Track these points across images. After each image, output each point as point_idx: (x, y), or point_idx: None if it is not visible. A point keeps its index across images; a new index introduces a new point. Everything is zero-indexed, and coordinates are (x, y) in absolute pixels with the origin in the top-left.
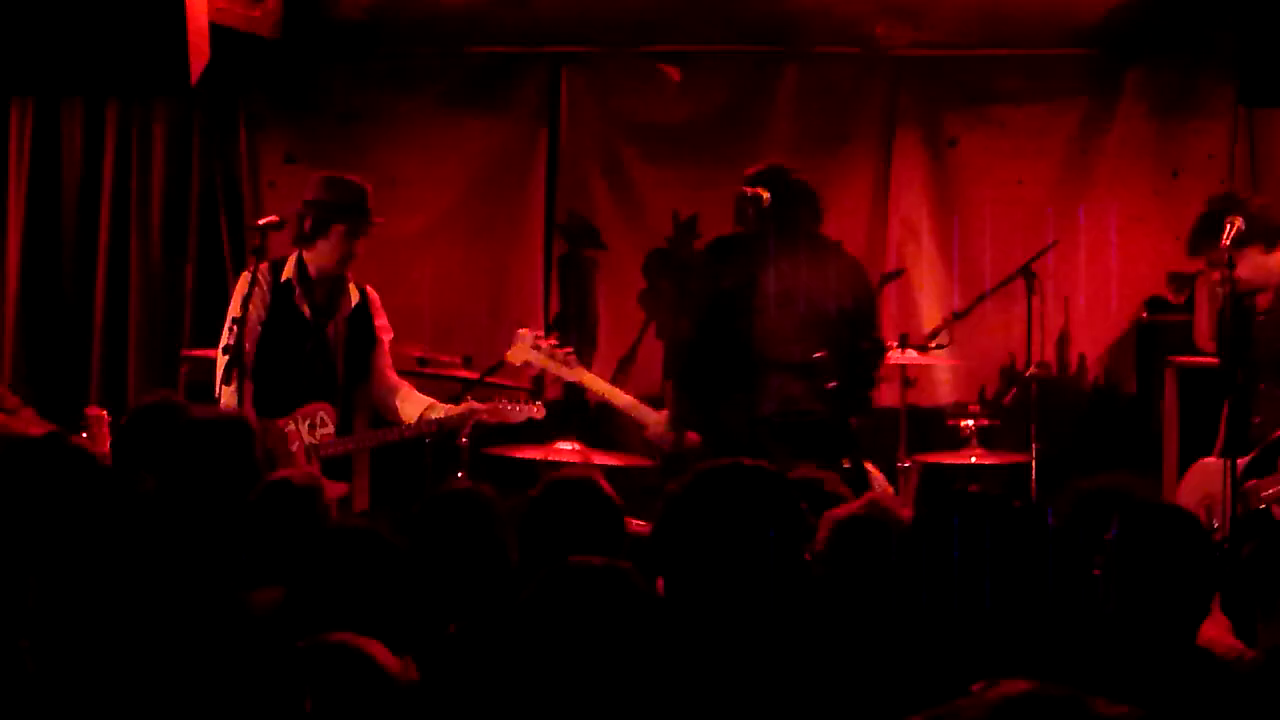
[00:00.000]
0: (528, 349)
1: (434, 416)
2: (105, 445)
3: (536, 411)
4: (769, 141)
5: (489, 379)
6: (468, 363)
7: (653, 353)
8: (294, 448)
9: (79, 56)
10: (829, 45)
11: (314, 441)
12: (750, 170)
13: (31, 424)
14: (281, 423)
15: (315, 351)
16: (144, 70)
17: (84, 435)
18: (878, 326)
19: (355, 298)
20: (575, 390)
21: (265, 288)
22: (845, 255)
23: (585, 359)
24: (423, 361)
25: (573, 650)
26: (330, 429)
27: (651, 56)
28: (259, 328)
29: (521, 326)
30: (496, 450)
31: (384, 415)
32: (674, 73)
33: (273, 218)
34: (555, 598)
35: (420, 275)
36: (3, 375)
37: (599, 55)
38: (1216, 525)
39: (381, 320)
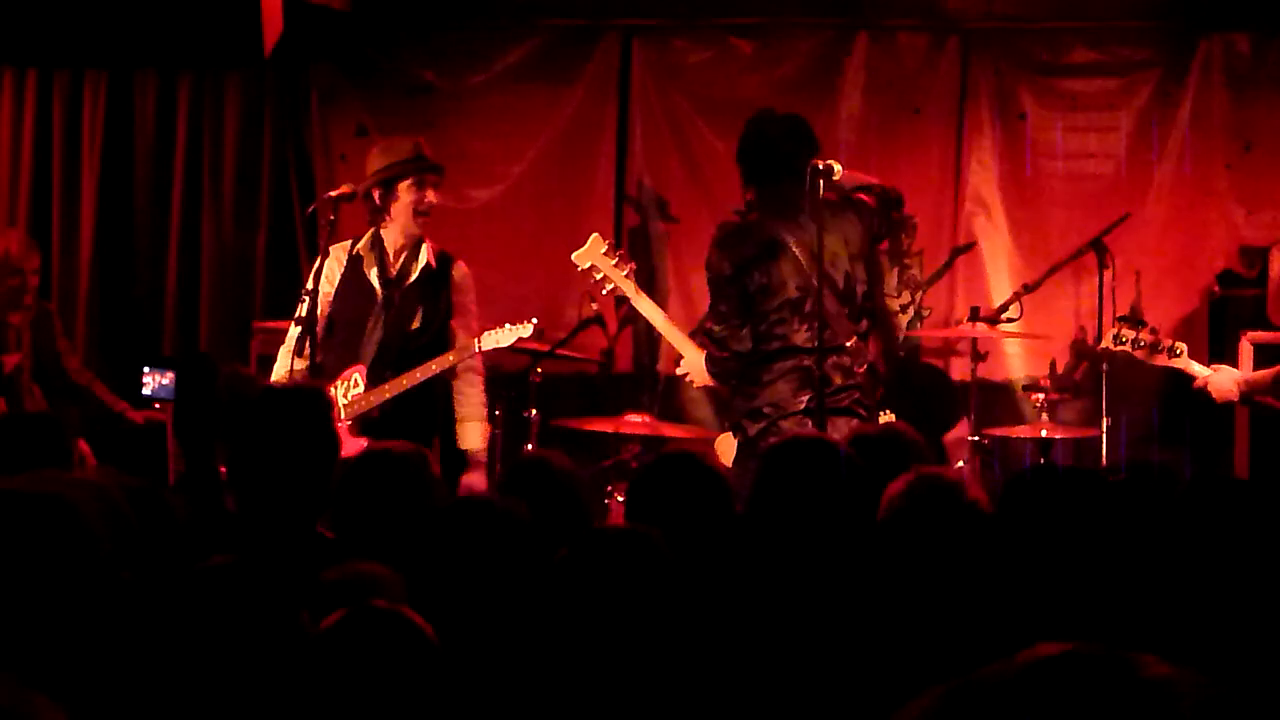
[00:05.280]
0: (597, 254)
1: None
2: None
3: (525, 330)
4: (840, 114)
5: (559, 351)
6: (538, 335)
7: None
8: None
9: (153, 29)
10: (900, 18)
11: (344, 403)
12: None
13: (104, 396)
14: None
15: (377, 320)
16: (218, 42)
17: (156, 405)
18: None
19: (428, 263)
20: (644, 364)
21: (339, 260)
22: None
23: (654, 333)
24: None
25: (598, 614)
26: (360, 388)
27: (723, 29)
28: (330, 300)
29: (592, 298)
30: (567, 423)
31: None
32: (745, 45)
33: (344, 189)
34: (582, 563)
35: (491, 247)
36: (76, 345)
37: (670, 27)
38: None
39: (461, 298)
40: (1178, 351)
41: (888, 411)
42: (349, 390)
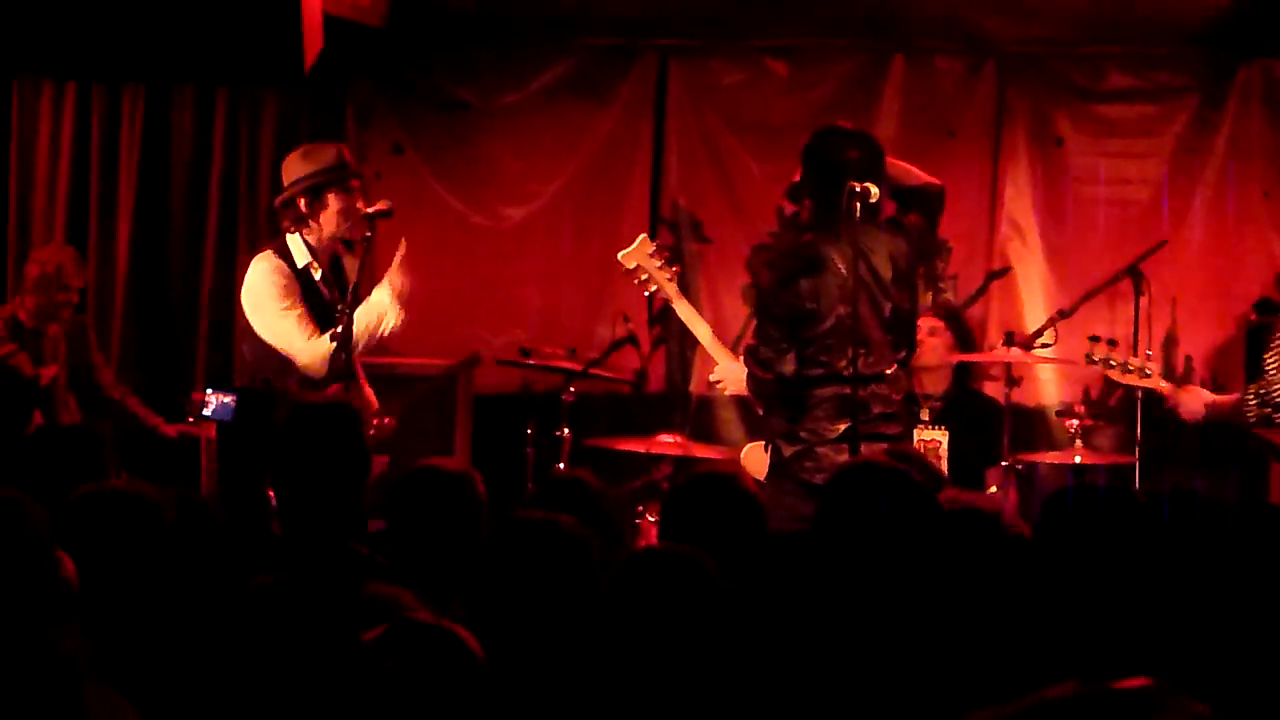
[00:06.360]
0: (644, 255)
1: None
2: (211, 430)
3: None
4: (876, 136)
5: (591, 370)
6: (571, 354)
7: None
8: None
9: (194, 44)
10: (937, 41)
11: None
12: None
13: (138, 410)
14: None
15: (340, 332)
16: (258, 58)
17: (190, 420)
18: None
19: (355, 266)
20: (677, 384)
21: (290, 274)
22: None
23: (688, 353)
24: (525, 352)
25: (647, 635)
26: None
27: (759, 50)
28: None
29: (625, 317)
30: (599, 442)
31: None
32: (781, 67)
33: (382, 205)
34: (632, 584)
35: (524, 266)
36: (111, 359)
37: (706, 48)
38: None
39: None
40: (1148, 372)
41: (942, 428)
42: None
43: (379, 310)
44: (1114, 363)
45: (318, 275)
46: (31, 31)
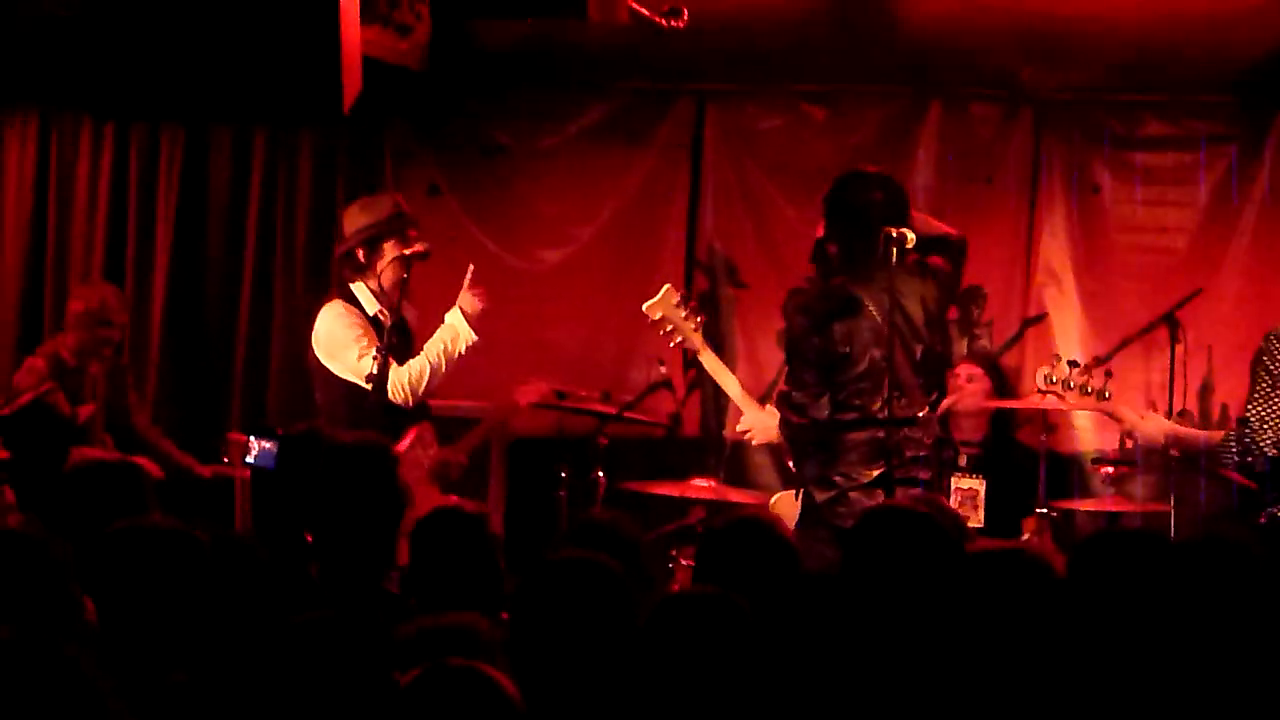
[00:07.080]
0: (669, 305)
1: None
2: (246, 471)
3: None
4: (912, 183)
5: (626, 414)
6: (606, 397)
7: None
8: (418, 474)
9: (233, 85)
10: (974, 88)
11: (432, 461)
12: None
13: (171, 451)
14: (400, 449)
15: (376, 375)
16: (298, 100)
17: (224, 460)
18: None
19: (414, 310)
20: (711, 429)
21: (362, 315)
22: None
23: (722, 398)
24: (561, 395)
25: (680, 675)
26: (435, 447)
27: (796, 95)
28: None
29: (660, 361)
30: (633, 486)
31: None
32: (818, 112)
33: (419, 247)
34: (670, 624)
35: (560, 309)
36: (147, 400)
37: (743, 92)
38: None
39: None
40: (1106, 395)
41: (980, 476)
42: (427, 449)
43: (452, 333)
44: (1072, 384)
45: (387, 323)
46: (71, 70)
